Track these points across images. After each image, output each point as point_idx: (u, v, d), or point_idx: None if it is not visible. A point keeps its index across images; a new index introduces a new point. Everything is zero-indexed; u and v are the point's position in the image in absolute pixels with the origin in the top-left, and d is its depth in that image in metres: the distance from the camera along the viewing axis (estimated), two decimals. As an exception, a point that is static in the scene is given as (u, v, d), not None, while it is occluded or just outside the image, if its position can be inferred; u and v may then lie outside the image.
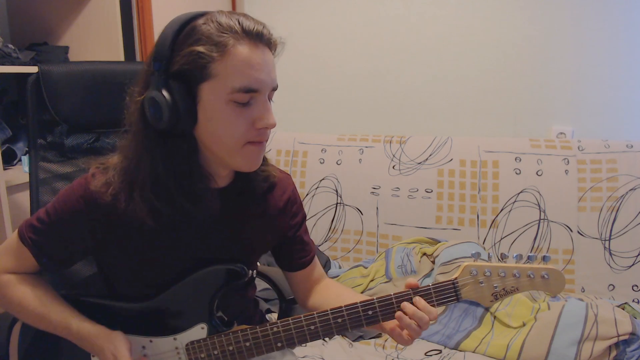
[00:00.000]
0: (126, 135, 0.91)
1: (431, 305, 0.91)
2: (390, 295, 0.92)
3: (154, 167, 0.87)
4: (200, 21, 0.83)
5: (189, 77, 0.83)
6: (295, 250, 1.12)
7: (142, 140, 0.87)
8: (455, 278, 0.93)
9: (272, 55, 0.87)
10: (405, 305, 0.91)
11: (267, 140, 0.90)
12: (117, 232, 0.92)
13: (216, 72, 0.82)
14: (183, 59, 0.82)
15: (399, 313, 0.91)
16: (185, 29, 0.83)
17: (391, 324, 0.94)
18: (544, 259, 0.92)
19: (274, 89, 0.88)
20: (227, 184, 0.98)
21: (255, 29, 0.83)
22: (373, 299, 0.92)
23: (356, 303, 0.92)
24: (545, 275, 0.91)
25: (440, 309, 1.76)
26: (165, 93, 0.82)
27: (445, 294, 0.92)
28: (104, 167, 0.92)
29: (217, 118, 0.84)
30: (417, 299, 0.91)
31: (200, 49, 0.81)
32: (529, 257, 0.93)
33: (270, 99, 0.88)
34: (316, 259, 1.17)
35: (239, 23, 0.82)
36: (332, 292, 1.12)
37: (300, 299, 1.17)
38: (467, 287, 0.93)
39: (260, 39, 0.84)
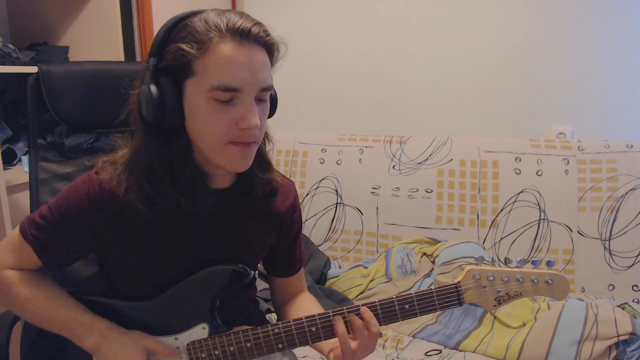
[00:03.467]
0: (130, 130, 0.92)
1: (433, 309, 0.91)
2: (393, 297, 0.92)
3: (150, 159, 0.88)
4: (194, 19, 0.84)
5: (175, 73, 0.84)
6: (286, 259, 1.12)
7: (139, 132, 0.89)
8: (459, 282, 0.92)
9: (265, 55, 0.86)
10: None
11: (255, 142, 0.88)
12: (119, 231, 0.92)
13: (198, 69, 0.82)
14: (170, 55, 0.83)
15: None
16: (178, 26, 0.84)
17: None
18: (548, 263, 0.91)
19: (264, 89, 0.86)
20: (228, 185, 0.98)
21: (241, 26, 0.81)
22: (376, 302, 0.92)
23: (358, 305, 0.92)
24: (549, 281, 0.90)
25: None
26: (153, 88, 0.83)
27: (447, 298, 0.92)
28: (111, 162, 0.92)
29: (200, 115, 0.85)
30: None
31: (183, 46, 0.82)
32: (533, 262, 0.92)
33: (261, 99, 0.87)
34: (302, 271, 1.17)
35: (226, 21, 0.82)
36: (302, 306, 1.12)
37: (275, 302, 1.18)
38: (470, 291, 0.92)
39: (246, 37, 0.82)
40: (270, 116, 0.93)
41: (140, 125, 0.88)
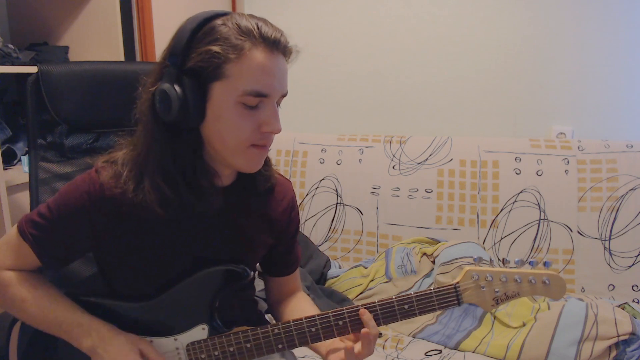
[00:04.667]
0: (137, 126, 0.92)
1: (432, 309, 0.92)
2: (392, 298, 0.92)
3: (162, 158, 0.88)
4: (219, 21, 0.84)
5: (202, 74, 0.84)
6: (283, 258, 1.13)
7: (151, 131, 0.88)
8: (457, 282, 0.93)
9: (286, 63, 0.89)
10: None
11: (270, 145, 0.91)
12: (119, 230, 0.92)
13: (229, 73, 0.83)
14: (198, 57, 0.83)
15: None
16: (203, 28, 0.84)
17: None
18: (545, 264, 0.93)
19: (283, 95, 0.90)
20: (230, 183, 0.98)
21: (273, 35, 0.85)
22: (375, 302, 0.92)
23: (358, 305, 0.92)
24: (547, 281, 0.91)
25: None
26: (177, 87, 0.83)
27: (446, 298, 0.92)
28: (111, 161, 0.92)
29: (225, 117, 0.85)
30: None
31: (217, 48, 0.82)
32: (530, 263, 0.93)
33: (278, 104, 0.90)
34: (298, 271, 1.17)
35: (257, 28, 0.84)
36: (298, 306, 1.12)
37: (270, 301, 1.18)
38: (468, 291, 0.93)
39: (276, 46, 0.85)
40: None
41: (152, 124, 0.88)
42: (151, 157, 0.88)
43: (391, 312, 0.92)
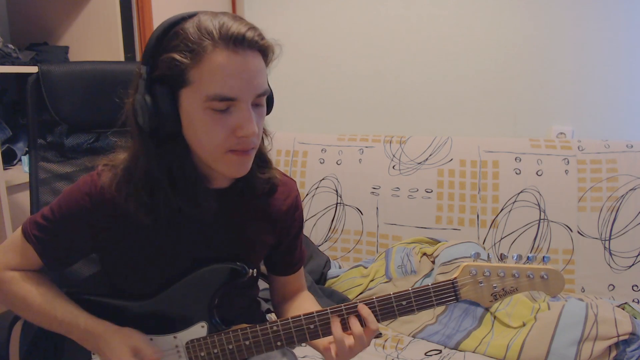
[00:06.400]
0: (128, 134, 0.92)
1: (430, 305, 0.92)
2: (390, 294, 0.92)
3: (149, 166, 0.87)
4: (186, 25, 0.81)
5: (169, 82, 0.82)
6: (286, 258, 1.12)
7: (137, 140, 0.88)
8: (455, 278, 0.93)
9: (260, 60, 0.84)
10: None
11: (253, 148, 0.88)
12: (120, 230, 0.93)
13: (193, 79, 0.80)
14: (163, 65, 0.81)
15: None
16: (169, 33, 0.82)
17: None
18: (544, 259, 0.92)
19: (260, 95, 0.84)
20: (228, 185, 0.98)
21: (235, 33, 0.79)
22: (373, 299, 0.92)
23: (356, 302, 0.92)
24: (545, 276, 0.91)
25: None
26: (147, 97, 0.82)
27: (444, 294, 0.92)
28: (112, 165, 0.92)
29: (197, 124, 0.83)
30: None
31: (176, 55, 0.80)
32: (528, 258, 0.93)
33: (258, 105, 0.86)
34: (302, 270, 1.17)
35: (218, 27, 0.79)
36: (301, 305, 1.12)
37: (274, 300, 1.18)
38: (466, 287, 0.92)
39: (240, 43, 0.80)
40: (267, 113, 0.92)
41: (136, 133, 0.88)
42: (139, 165, 0.88)
43: (389, 308, 0.91)
